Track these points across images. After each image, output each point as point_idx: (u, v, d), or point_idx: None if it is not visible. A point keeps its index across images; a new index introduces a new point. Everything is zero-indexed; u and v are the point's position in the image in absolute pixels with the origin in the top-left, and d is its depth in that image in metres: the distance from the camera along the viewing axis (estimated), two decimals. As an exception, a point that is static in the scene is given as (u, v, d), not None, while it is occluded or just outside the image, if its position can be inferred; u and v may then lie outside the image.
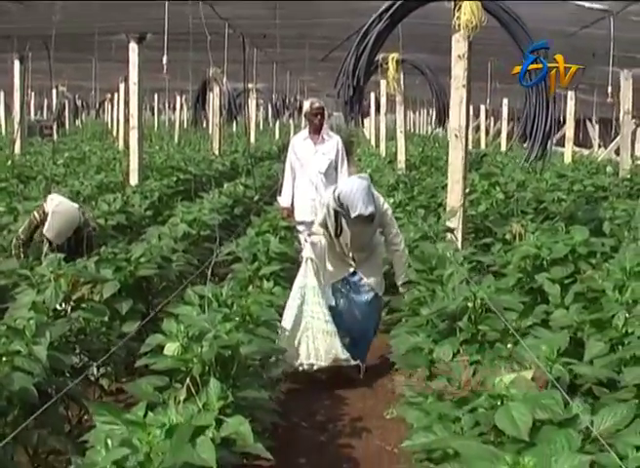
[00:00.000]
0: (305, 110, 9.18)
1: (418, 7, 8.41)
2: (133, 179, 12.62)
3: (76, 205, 7.58)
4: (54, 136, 21.89)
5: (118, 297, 5.97)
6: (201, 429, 3.19)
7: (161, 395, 3.95)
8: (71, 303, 5.52)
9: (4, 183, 12.32)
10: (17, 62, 16.16)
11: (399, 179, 13.94)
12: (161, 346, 4.45)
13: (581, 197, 11.41)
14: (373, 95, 25.30)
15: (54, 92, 28.06)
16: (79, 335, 5.30)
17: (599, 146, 27.98)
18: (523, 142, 8.83)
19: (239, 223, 10.23)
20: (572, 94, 19.21)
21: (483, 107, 31.11)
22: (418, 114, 50.36)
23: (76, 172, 15.55)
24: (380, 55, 13.29)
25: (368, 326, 7.10)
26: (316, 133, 8.97)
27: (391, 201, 10.56)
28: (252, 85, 22.71)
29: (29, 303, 5.22)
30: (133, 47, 12.18)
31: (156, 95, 38.73)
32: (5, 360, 4.18)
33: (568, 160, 19.11)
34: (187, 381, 3.99)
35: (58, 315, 5.34)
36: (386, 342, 6.11)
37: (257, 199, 12.31)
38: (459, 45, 7.97)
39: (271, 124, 36.06)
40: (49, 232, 7.16)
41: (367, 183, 6.63)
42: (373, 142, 27.63)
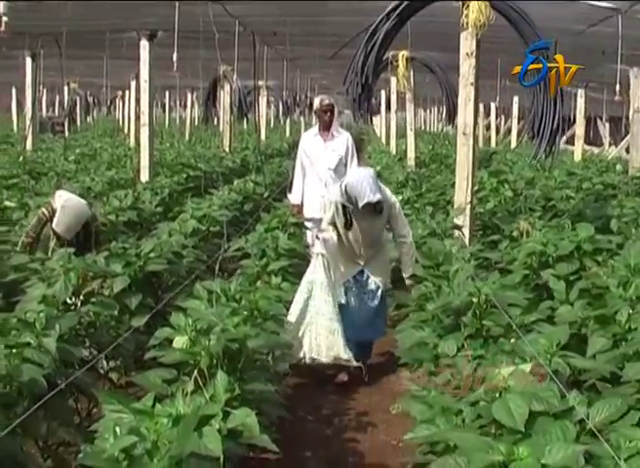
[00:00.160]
0: (315, 107, 9.17)
1: (425, 6, 8.47)
2: (143, 176, 12.68)
3: (84, 200, 7.65)
4: (65, 133, 22.00)
5: (128, 292, 5.97)
6: (207, 418, 3.24)
7: (169, 387, 3.99)
8: (81, 297, 5.59)
9: (16, 179, 12.43)
10: (28, 59, 16.28)
11: (408, 177, 13.98)
12: (170, 340, 4.51)
13: (590, 195, 11.42)
14: (383, 92, 25.32)
15: (65, 89, 28.17)
16: (89, 329, 5.34)
17: (610, 144, 27.94)
18: (531, 140, 8.85)
19: (249, 220, 10.27)
20: (582, 92, 19.21)
21: (493, 105, 31.12)
22: (428, 112, 50.40)
23: (87, 168, 15.65)
24: (390, 52, 13.33)
25: (374, 328, 7.10)
26: (326, 129, 8.97)
27: (400, 198, 10.60)
28: (262, 82, 22.75)
29: (40, 297, 5.26)
30: (144, 44, 12.25)
31: (167, 92, 38.80)
32: (15, 352, 4.20)
33: (578, 158, 19.11)
34: (195, 374, 4.05)
35: (67, 309, 5.38)
36: (393, 338, 6.13)
37: (266, 196, 12.35)
38: (467, 43, 8.01)
39: (282, 121, 36.09)
40: (58, 227, 7.20)
41: (372, 172, 6.68)
42: (383, 140, 27.66)
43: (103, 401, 3.36)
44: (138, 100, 14.05)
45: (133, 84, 21.62)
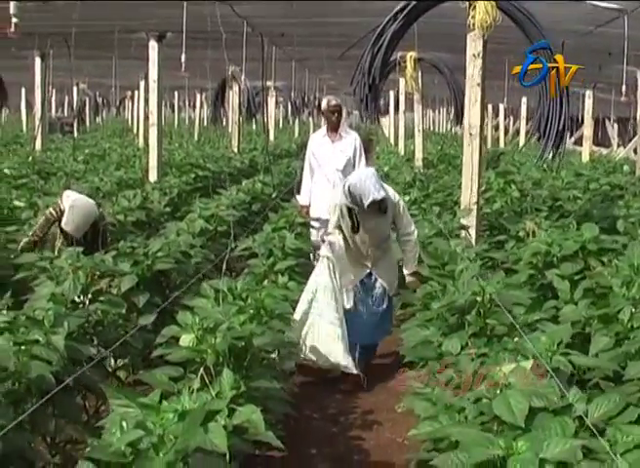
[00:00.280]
0: (323, 108, 9.13)
1: (432, 7, 8.49)
2: (152, 176, 12.71)
3: (92, 200, 7.70)
4: (74, 133, 22.09)
5: (136, 291, 6.01)
6: (213, 413, 3.28)
7: (175, 385, 4.01)
8: (89, 296, 5.64)
9: (25, 179, 12.48)
10: (38, 60, 16.33)
11: (415, 177, 14.01)
12: (176, 338, 4.56)
13: (597, 195, 11.44)
14: (392, 93, 25.35)
15: (74, 89, 28.28)
16: (97, 327, 5.36)
17: (618, 145, 27.92)
18: (537, 141, 8.87)
19: (256, 220, 10.30)
20: (590, 92, 19.17)
21: (502, 106, 31.11)
22: (437, 112, 50.40)
23: (96, 168, 15.69)
24: (399, 53, 13.38)
25: (379, 331, 7.14)
26: (334, 130, 8.95)
27: (407, 198, 10.66)
28: (271, 83, 22.81)
29: (48, 295, 5.30)
30: (153, 45, 12.28)
31: (176, 92, 38.87)
32: (24, 349, 4.24)
33: (585, 159, 19.11)
34: (201, 371, 4.09)
35: (76, 307, 5.42)
36: (399, 337, 6.15)
37: (274, 196, 12.39)
38: (473, 44, 8.03)
39: (290, 122, 36.11)
40: (68, 226, 7.24)
41: (373, 171, 6.72)
42: (392, 140, 27.67)
43: (110, 396, 3.40)
44: (146, 101, 14.07)
45: (142, 84, 21.67)
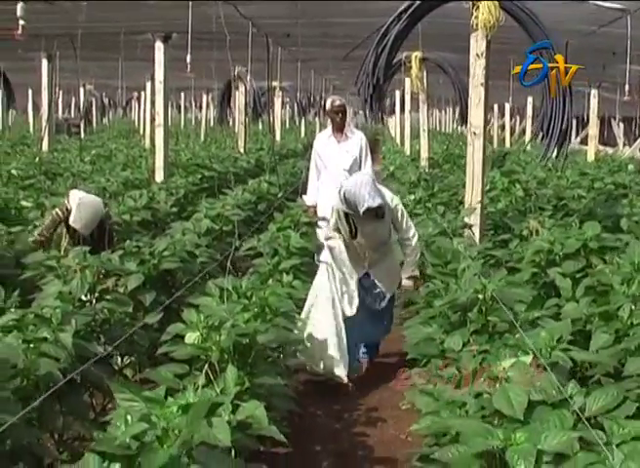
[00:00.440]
0: (327, 109, 9.12)
1: (436, 7, 8.53)
2: (158, 177, 12.75)
3: (98, 197, 7.77)
4: (81, 134, 22.16)
5: (142, 290, 6.05)
6: (216, 406, 3.34)
7: (181, 382, 4.06)
8: (96, 294, 5.69)
9: (32, 179, 12.56)
10: (44, 61, 16.39)
11: (420, 177, 14.06)
12: (182, 336, 4.62)
13: (601, 194, 11.47)
14: (398, 93, 25.38)
15: (81, 90, 28.38)
16: (103, 326, 5.40)
17: (624, 145, 27.92)
18: (541, 140, 8.92)
19: (262, 219, 10.34)
20: (595, 92, 19.17)
21: (508, 106, 31.10)
22: (443, 112, 50.41)
23: (102, 169, 15.77)
24: (404, 53, 13.43)
25: (380, 330, 7.17)
26: (339, 131, 8.95)
27: (412, 198, 10.71)
28: (276, 83, 22.87)
29: (56, 293, 5.35)
30: (159, 46, 12.32)
31: (182, 93, 38.97)
32: (32, 346, 4.30)
33: (591, 158, 19.13)
34: (206, 367, 4.15)
35: (83, 305, 5.47)
36: (402, 335, 6.21)
37: (280, 196, 12.44)
38: (477, 44, 8.06)
39: (297, 122, 36.17)
40: (76, 223, 7.27)
41: (369, 177, 6.65)
42: (398, 140, 27.73)
43: (115, 390, 3.46)
44: (153, 102, 14.13)
45: (148, 85, 21.74)
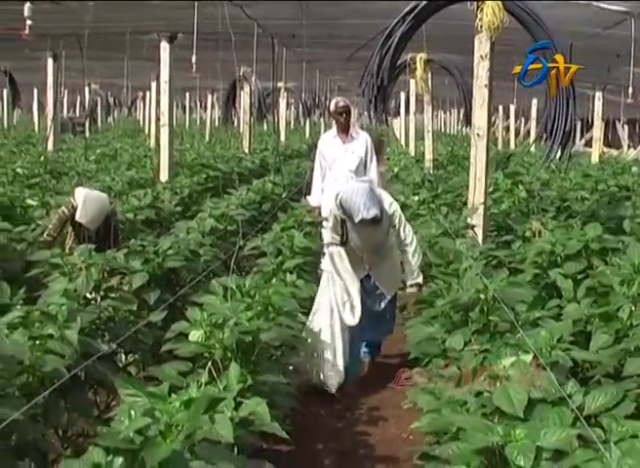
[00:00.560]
0: (331, 110, 9.12)
1: (441, 8, 8.56)
2: (163, 176, 12.79)
3: (104, 193, 7.83)
4: (86, 133, 22.18)
5: (147, 288, 6.10)
6: (217, 401, 3.38)
7: (184, 379, 4.10)
8: (101, 292, 5.74)
9: (37, 178, 12.61)
10: (50, 60, 16.43)
11: (425, 178, 14.09)
12: (185, 334, 4.66)
13: (605, 196, 11.49)
14: (403, 94, 25.39)
15: (86, 89, 28.41)
16: (108, 323, 5.44)
17: (629, 147, 27.93)
18: (545, 141, 8.94)
19: (266, 219, 10.36)
20: (599, 94, 19.17)
21: (512, 108, 31.12)
22: (448, 114, 50.39)
23: (107, 168, 15.80)
24: (409, 55, 13.45)
25: (381, 329, 7.17)
26: (344, 131, 8.91)
27: (416, 198, 10.75)
28: (282, 84, 22.90)
29: (61, 290, 5.38)
30: (164, 46, 12.36)
31: (187, 93, 38.99)
32: (38, 343, 4.33)
33: (595, 160, 19.15)
34: (209, 365, 4.20)
35: (88, 303, 5.51)
36: (403, 335, 6.23)
37: (284, 196, 12.46)
38: (481, 45, 8.09)
39: (302, 123, 36.18)
40: (83, 218, 7.31)
41: (367, 186, 6.55)
42: (402, 142, 27.74)
43: (119, 385, 3.50)
44: (158, 102, 14.15)
45: (153, 85, 21.78)
